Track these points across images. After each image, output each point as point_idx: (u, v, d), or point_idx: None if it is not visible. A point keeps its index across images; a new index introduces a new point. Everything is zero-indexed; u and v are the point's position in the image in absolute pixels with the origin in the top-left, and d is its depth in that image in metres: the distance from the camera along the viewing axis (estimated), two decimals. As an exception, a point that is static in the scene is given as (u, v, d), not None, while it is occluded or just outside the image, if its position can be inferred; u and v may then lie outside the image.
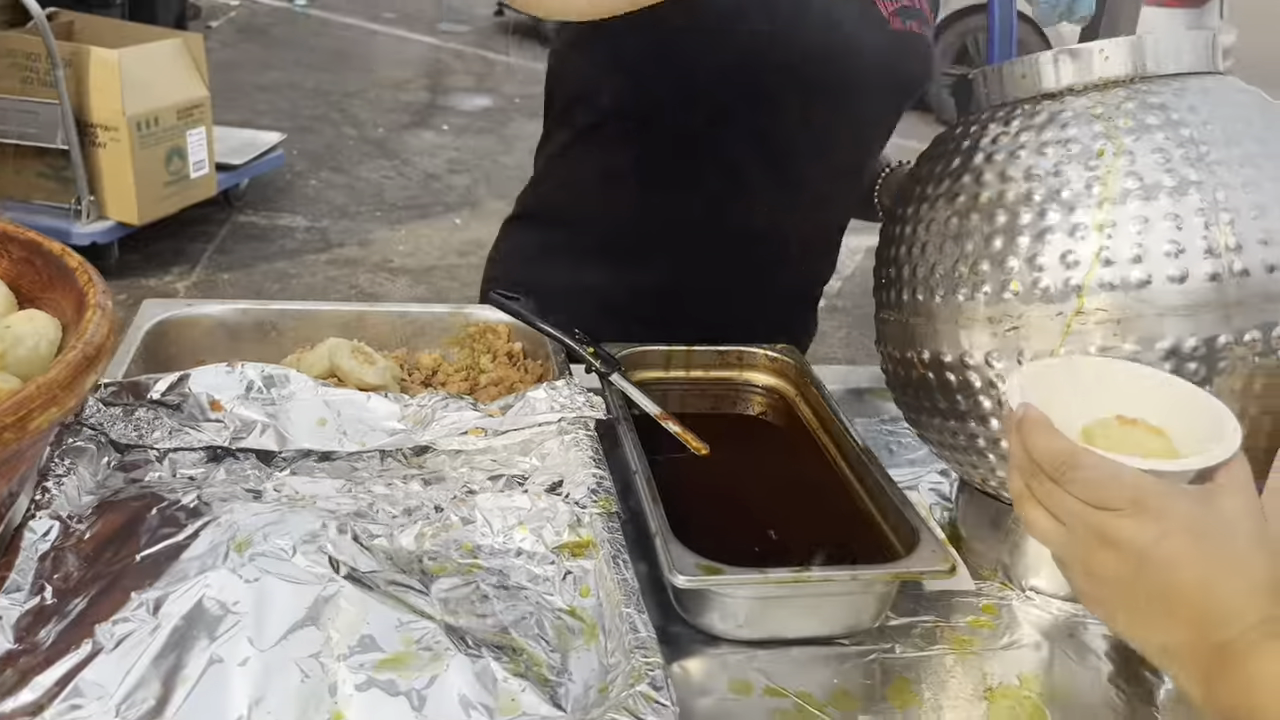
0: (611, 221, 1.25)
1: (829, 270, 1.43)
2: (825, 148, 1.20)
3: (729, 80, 1.11)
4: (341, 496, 0.83)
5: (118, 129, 3.64)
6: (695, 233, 1.23)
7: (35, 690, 0.62)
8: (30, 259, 0.85)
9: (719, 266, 1.25)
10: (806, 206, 1.25)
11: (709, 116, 1.15)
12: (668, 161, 1.20)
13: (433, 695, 0.66)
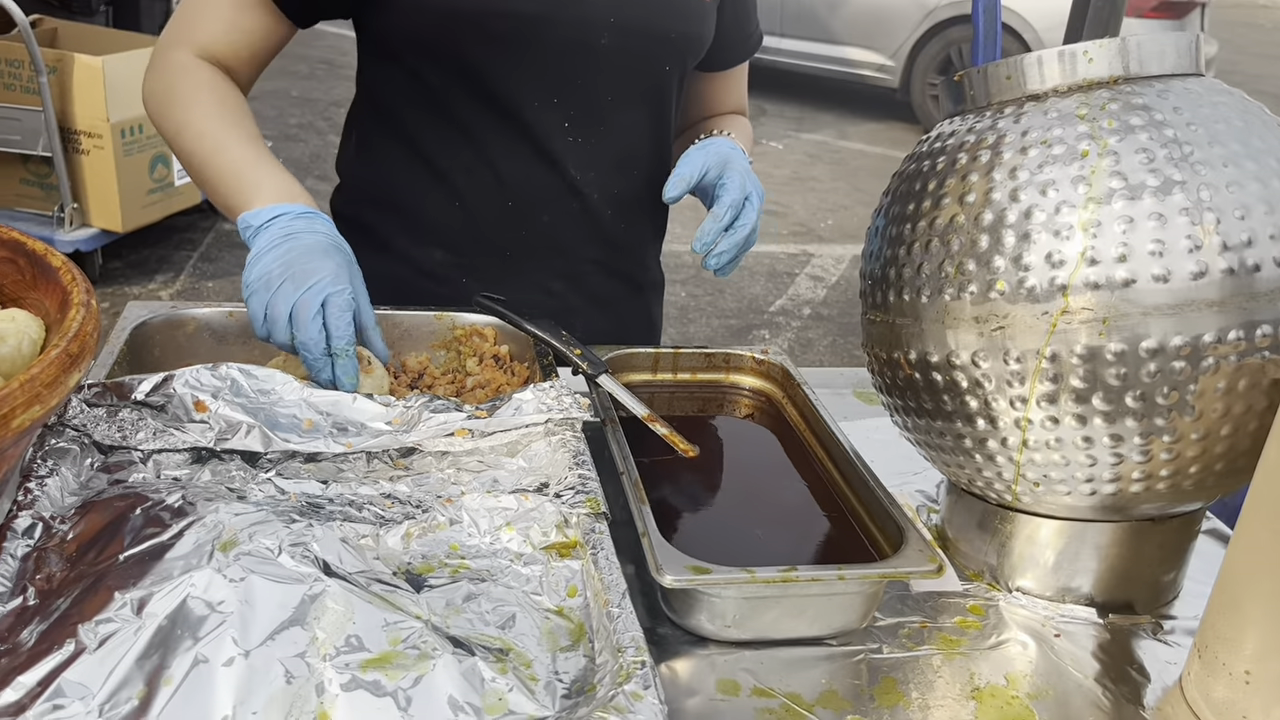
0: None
1: (648, 248, 1.39)
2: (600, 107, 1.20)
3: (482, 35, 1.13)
4: (327, 497, 0.83)
5: (102, 136, 3.62)
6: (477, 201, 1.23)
7: (18, 690, 0.62)
8: (13, 258, 0.84)
9: (519, 248, 1.25)
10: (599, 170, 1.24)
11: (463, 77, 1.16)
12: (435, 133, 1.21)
13: (419, 695, 0.66)
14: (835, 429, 1.00)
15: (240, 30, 1.16)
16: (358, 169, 1.32)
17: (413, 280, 1.27)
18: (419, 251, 1.27)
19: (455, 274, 1.26)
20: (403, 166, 1.24)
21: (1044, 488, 0.85)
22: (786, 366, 1.12)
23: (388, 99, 1.23)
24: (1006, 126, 0.82)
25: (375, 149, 1.28)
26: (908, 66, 7.21)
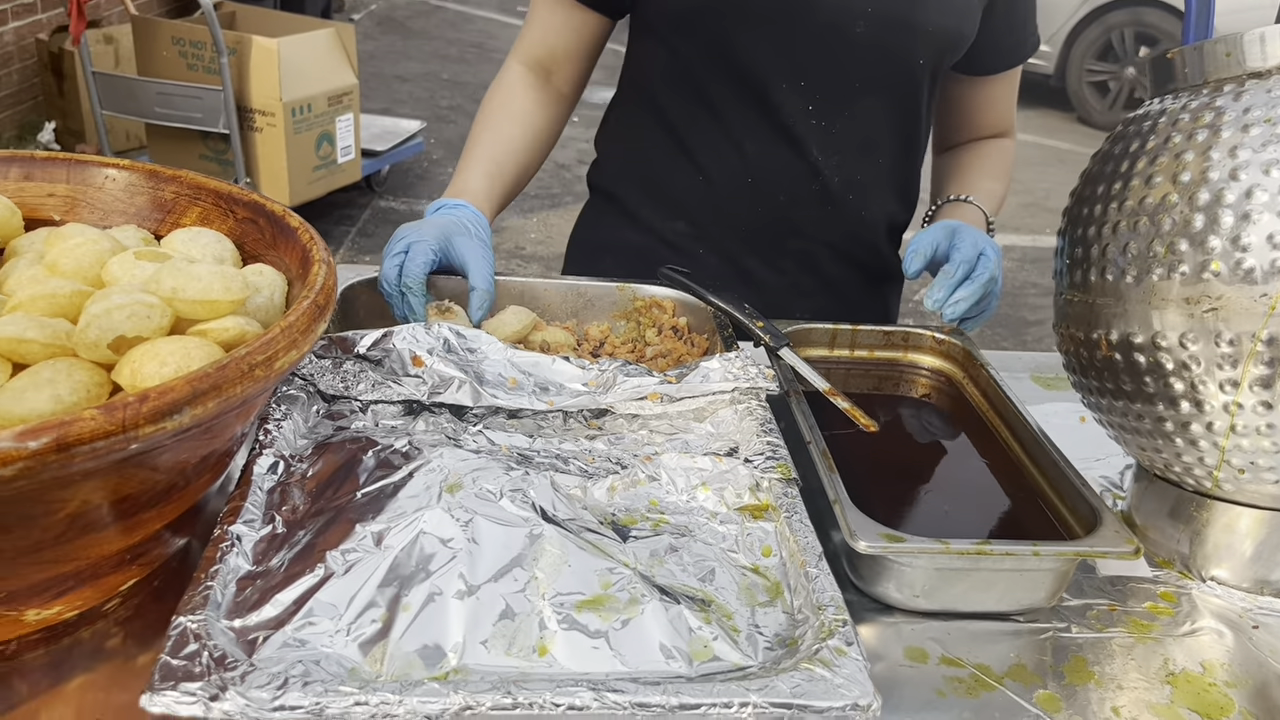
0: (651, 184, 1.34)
1: (886, 238, 1.40)
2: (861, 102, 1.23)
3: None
4: (535, 450, 0.87)
5: (274, 114, 3.82)
6: (729, 190, 1.28)
7: (276, 607, 0.68)
8: (254, 219, 0.91)
9: (756, 225, 1.29)
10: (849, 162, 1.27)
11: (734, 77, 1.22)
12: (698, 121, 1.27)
13: (629, 637, 0.69)
14: (1022, 410, 1.00)
15: (554, 32, 1.30)
16: (614, 144, 1.40)
17: (655, 248, 1.34)
18: (662, 223, 1.34)
19: (694, 245, 1.33)
20: (654, 142, 1.31)
21: (1249, 475, 0.83)
22: (968, 347, 1.12)
23: (646, 77, 1.31)
24: (1226, 104, 0.81)
25: (631, 125, 1.35)
26: (1064, 53, 6.96)
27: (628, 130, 1.37)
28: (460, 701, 0.61)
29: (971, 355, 1.11)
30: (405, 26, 7.92)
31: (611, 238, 1.24)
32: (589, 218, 1.45)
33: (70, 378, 0.68)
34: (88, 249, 0.79)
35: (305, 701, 0.60)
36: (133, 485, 0.67)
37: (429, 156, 5.23)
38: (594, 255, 1.42)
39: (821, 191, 1.28)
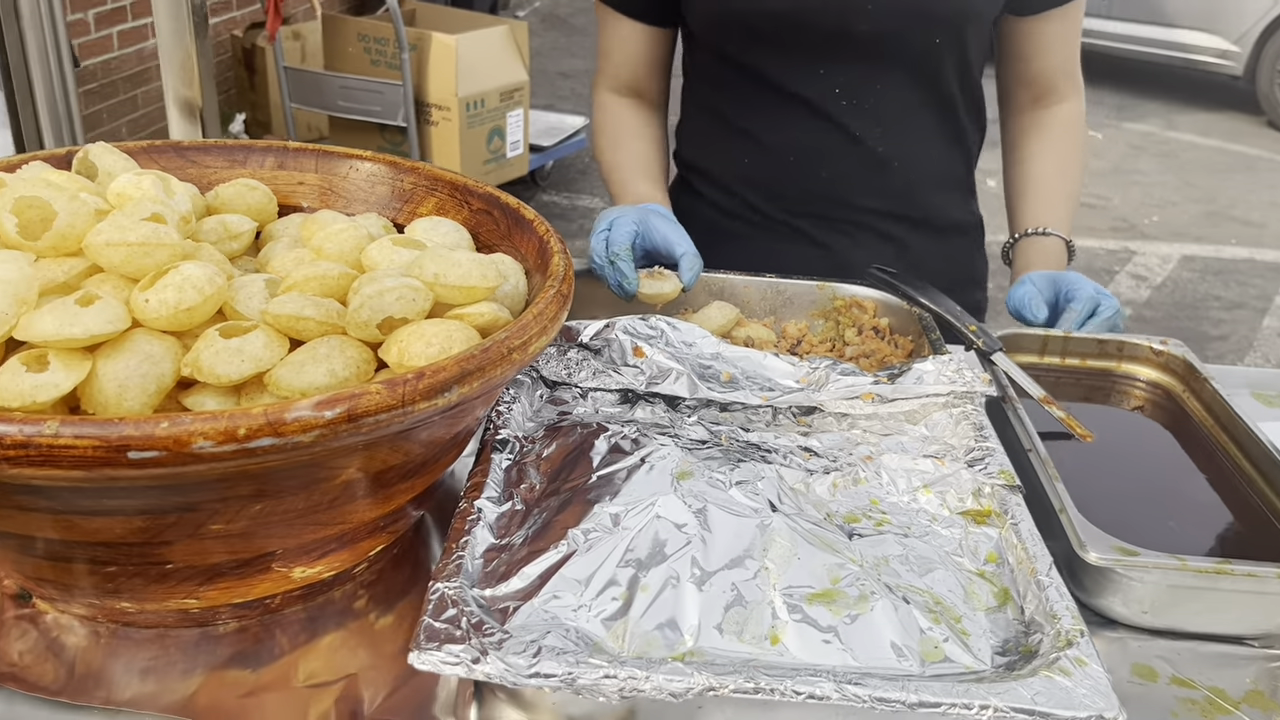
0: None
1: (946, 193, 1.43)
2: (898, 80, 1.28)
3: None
4: (753, 443, 0.89)
5: (449, 109, 3.96)
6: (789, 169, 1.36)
7: (523, 579, 0.71)
8: (489, 210, 0.96)
9: (807, 198, 1.37)
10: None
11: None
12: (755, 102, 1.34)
13: (859, 633, 0.70)
14: (1253, 426, 0.96)
15: (630, 52, 1.40)
16: (681, 132, 1.51)
17: (721, 220, 1.43)
18: (723, 197, 1.43)
19: (753, 215, 1.41)
20: (708, 129, 1.42)
21: None
22: (1189, 359, 1.08)
23: (694, 74, 1.42)
24: None
25: (690, 115, 1.46)
26: (1255, 53, 6.56)
27: (688, 119, 1.47)
28: (704, 682, 0.63)
29: (1193, 368, 1.07)
30: (568, 23, 8.07)
31: (688, 210, 1.37)
32: (672, 193, 1.53)
33: (343, 354, 0.73)
34: (349, 235, 0.85)
35: (559, 670, 0.63)
36: (397, 457, 0.72)
37: (590, 152, 5.32)
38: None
39: (867, 161, 1.34)
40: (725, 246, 1.36)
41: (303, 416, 0.60)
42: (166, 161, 0.99)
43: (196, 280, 0.73)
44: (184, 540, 0.67)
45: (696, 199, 1.45)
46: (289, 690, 0.73)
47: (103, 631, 0.76)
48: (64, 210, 0.77)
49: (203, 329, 0.76)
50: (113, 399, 0.69)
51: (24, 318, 0.70)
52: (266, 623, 0.78)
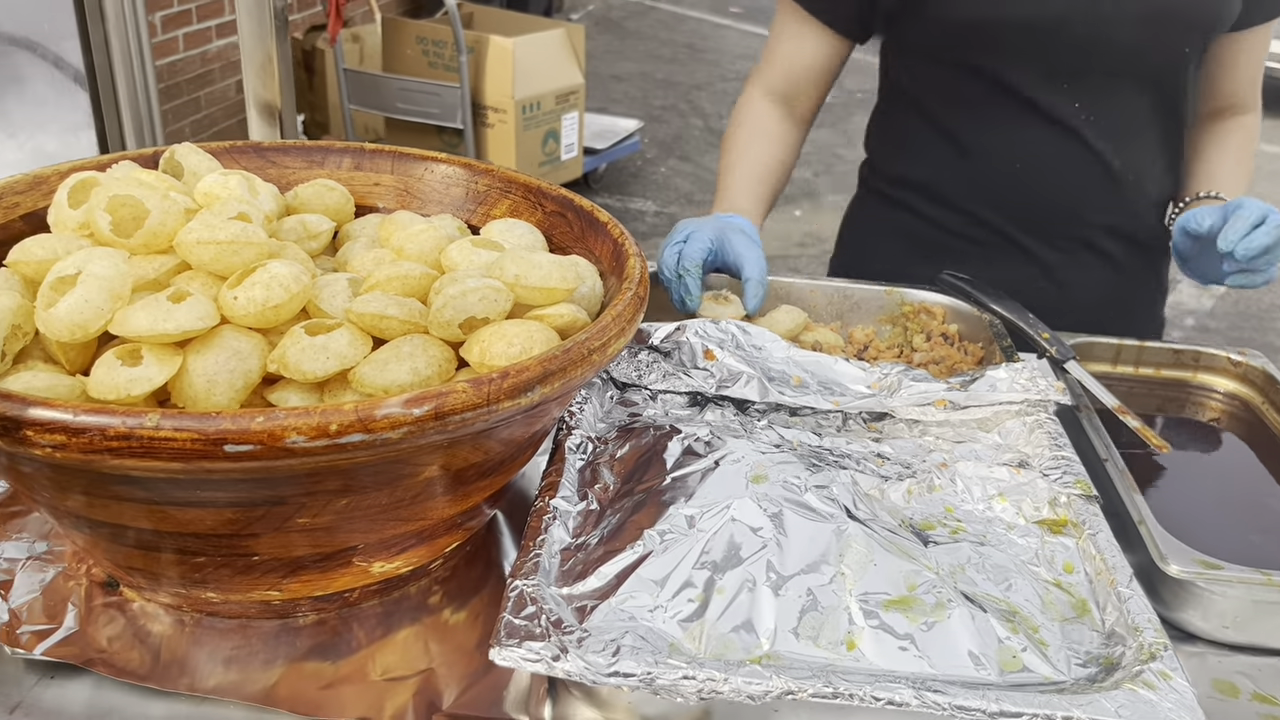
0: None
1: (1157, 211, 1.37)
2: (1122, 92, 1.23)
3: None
4: (825, 448, 0.89)
5: (506, 111, 3.99)
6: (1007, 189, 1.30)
7: (600, 579, 0.72)
8: (562, 213, 0.97)
9: (1035, 214, 1.30)
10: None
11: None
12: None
13: (936, 641, 0.70)
14: (1338, 441, 0.94)
15: (798, 57, 1.34)
16: (884, 145, 1.44)
17: (926, 232, 1.38)
18: (933, 209, 1.37)
19: (968, 230, 1.35)
20: (924, 143, 1.35)
21: None
22: (1269, 370, 1.06)
23: (911, 87, 1.35)
24: None
25: (899, 128, 1.39)
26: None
27: (896, 133, 1.40)
28: (782, 686, 0.63)
29: (1274, 379, 1.05)
30: (621, 27, 8.10)
31: (883, 226, 1.34)
32: (860, 209, 1.50)
33: (426, 353, 0.74)
34: (429, 236, 0.86)
35: (637, 670, 0.64)
36: (477, 455, 0.73)
37: (642, 155, 5.33)
38: (864, 242, 1.47)
39: (1101, 174, 1.28)
40: (927, 261, 1.31)
41: (392, 413, 0.62)
42: (247, 162, 1.01)
43: (283, 279, 0.74)
44: (271, 533, 0.69)
45: (897, 210, 1.40)
46: (366, 683, 0.74)
47: (187, 620, 0.78)
48: (156, 209, 0.79)
49: (287, 326, 0.77)
50: (202, 393, 0.71)
51: (119, 313, 0.72)
52: (344, 616, 0.79)
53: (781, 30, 1.36)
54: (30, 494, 0.72)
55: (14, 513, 0.85)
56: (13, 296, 0.74)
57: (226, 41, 4.65)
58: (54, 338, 0.72)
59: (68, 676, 0.72)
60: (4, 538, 0.82)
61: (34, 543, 0.82)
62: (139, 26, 1.21)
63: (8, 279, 0.79)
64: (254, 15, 1.03)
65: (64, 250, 0.79)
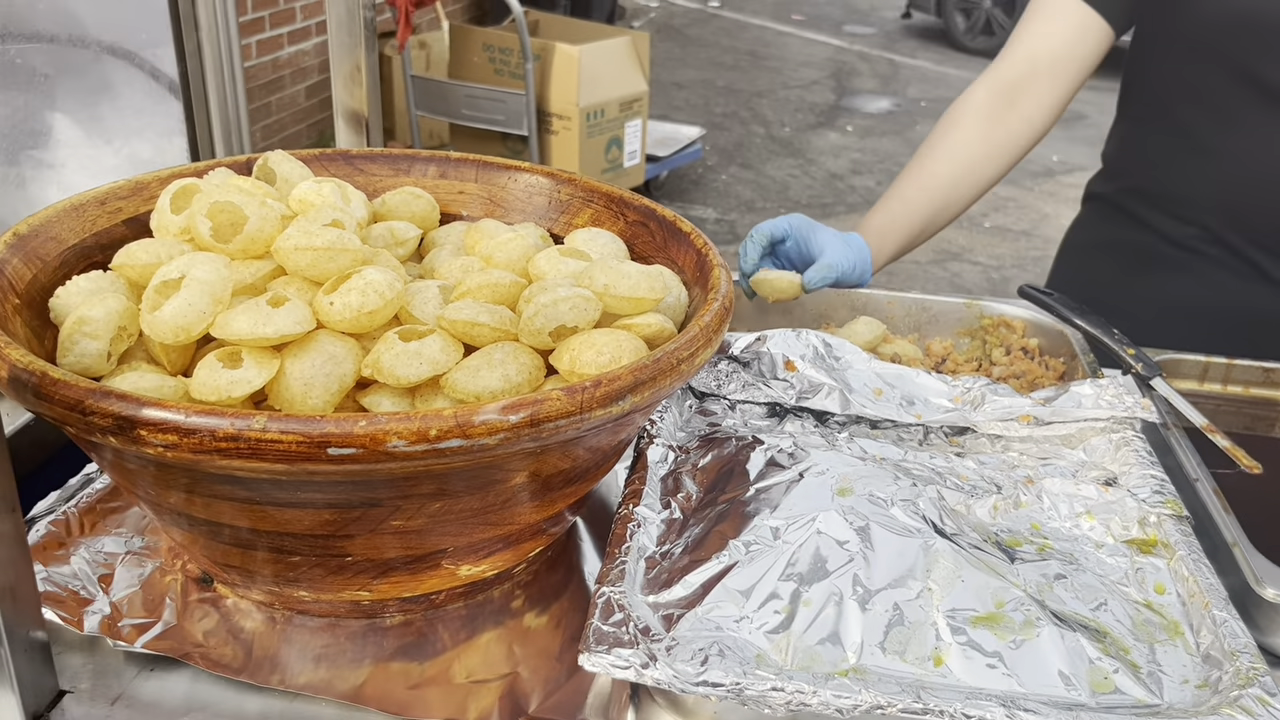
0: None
1: None
2: None
3: None
4: (909, 462, 0.88)
5: (570, 118, 4.02)
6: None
7: (686, 588, 0.72)
8: (645, 223, 0.97)
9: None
10: None
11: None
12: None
13: (1025, 659, 0.69)
14: None
15: (1047, 37, 1.25)
16: (1123, 156, 1.38)
17: (1161, 247, 1.31)
18: (1171, 223, 1.30)
19: (1204, 246, 1.28)
20: (1168, 152, 1.29)
21: None
22: (1365, 391, 1.03)
23: (1160, 90, 1.28)
24: None
25: (1140, 137, 1.33)
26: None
27: (1137, 142, 1.34)
28: (871, 700, 0.63)
29: (1369, 400, 1.02)
30: (682, 34, 8.12)
31: (1112, 238, 1.29)
32: (1088, 222, 1.44)
33: (517, 360, 0.75)
34: (517, 244, 0.87)
35: (726, 680, 0.64)
36: (566, 462, 0.74)
37: (703, 163, 5.34)
38: (1089, 255, 1.42)
39: None
40: (1161, 276, 1.28)
41: (490, 420, 0.63)
42: (336, 169, 1.03)
43: (378, 285, 0.76)
44: (365, 534, 0.70)
45: (1132, 224, 1.34)
46: (452, 685, 0.75)
47: (278, 618, 0.79)
48: (254, 215, 0.81)
49: (380, 332, 0.79)
50: (299, 396, 0.73)
51: (220, 316, 0.74)
52: (429, 618, 0.80)
53: (1035, 9, 1.27)
54: (132, 489, 0.74)
55: (112, 508, 0.88)
56: (119, 299, 0.77)
57: (296, 48, 4.75)
58: (158, 340, 0.74)
59: (166, 670, 0.74)
60: (103, 532, 0.85)
61: (131, 538, 0.85)
62: (230, 34, 1.24)
63: (113, 282, 0.81)
64: (344, 26, 1.05)
65: (166, 255, 0.82)
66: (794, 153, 5.65)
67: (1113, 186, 1.38)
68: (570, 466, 0.75)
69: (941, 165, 1.27)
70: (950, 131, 1.28)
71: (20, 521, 0.64)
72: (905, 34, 8.46)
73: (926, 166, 1.27)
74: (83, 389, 0.62)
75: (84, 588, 0.78)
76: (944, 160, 1.27)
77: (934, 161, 1.27)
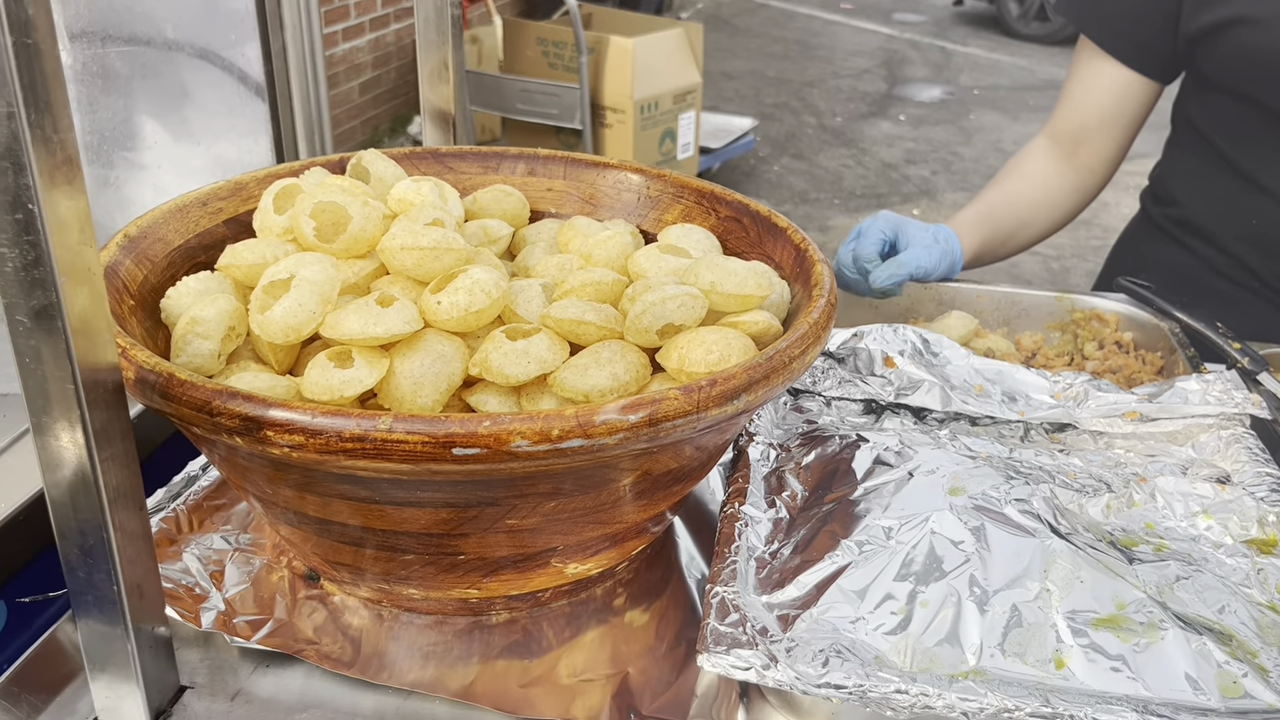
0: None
1: None
2: None
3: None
4: (1016, 460, 0.87)
5: (624, 111, 4.01)
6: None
7: (800, 588, 0.72)
8: (738, 218, 0.97)
9: None
10: None
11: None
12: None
13: (1150, 663, 0.67)
14: None
15: (1091, 96, 1.28)
16: (1171, 179, 1.36)
17: (1204, 276, 1.30)
18: (1213, 254, 1.29)
19: (1245, 278, 1.27)
20: (1215, 184, 1.27)
21: None
22: None
23: (1208, 125, 1.27)
24: None
25: (1189, 165, 1.32)
26: None
27: (1186, 169, 1.33)
28: (998, 703, 0.62)
29: None
30: (731, 24, 8.07)
31: (1157, 256, 1.28)
32: (1137, 232, 1.43)
33: (624, 358, 0.74)
34: (617, 242, 0.87)
35: (849, 682, 0.63)
36: (675, 462, 0.73)
37: (755, 154, 5.30)
38: (1133, 267, 1.39)
39: None
40: (1206, 303, 1.24)
41: (610, 420, 0.62)
42: (426, 167, 1.03)
43: (485, 284, 0.76)
44: (480, 533, 0.70)
45: (1175, 246, 1.34)
46: (561, 683, 0.75)
47: (385, 615, 0.80)
48: (358, 215, 0.82)
49: (484, 331, 0.79)
50: (408, 395, 0.73)
51: (329, 316, 0.74)
52: (535, 615, 0.81)
53: (1076, 68, 1.30)
54: (244, 486, 0.75)
55: (217, 505, 0.89)
56: (229, 300, 0.77)
57: (350, 45, 4.79)
58: (268, 340, 0.75)
59: (280, 666, 0.75)
60: (211, 529, 0.86)
61: (238, 535, 0.86)
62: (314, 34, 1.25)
63: (221, 282, 0.82)
64: (432, 23, 1.06)
65: (271, 255, 0.82)
66: (846, 143, 5.60)
67: (1160, 211, 1.37)
68: (679, 466, 0.75)
69: (1022, 184, 1.30)
70: (1023, 163, 1.32)
71: (147, 519, 0.65)
72: (956, 21, 8.35)
73: (1008, 184, 1.31)
74: (210, 390, 0.63)
75: (197, 584, 0.79)
76: (1023, 180, 1.31)
77: (1014, 181, 1.31)
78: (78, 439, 0.59)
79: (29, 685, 0.72)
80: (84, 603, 0.64)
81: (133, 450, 0.63)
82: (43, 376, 0.58)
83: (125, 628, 0.64)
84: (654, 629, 0.80)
